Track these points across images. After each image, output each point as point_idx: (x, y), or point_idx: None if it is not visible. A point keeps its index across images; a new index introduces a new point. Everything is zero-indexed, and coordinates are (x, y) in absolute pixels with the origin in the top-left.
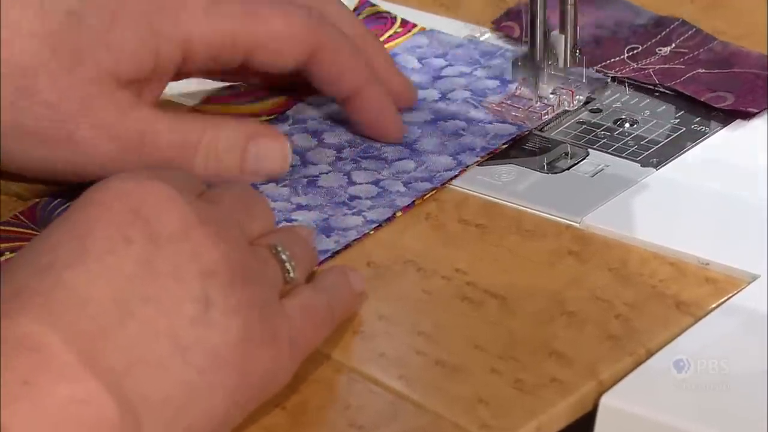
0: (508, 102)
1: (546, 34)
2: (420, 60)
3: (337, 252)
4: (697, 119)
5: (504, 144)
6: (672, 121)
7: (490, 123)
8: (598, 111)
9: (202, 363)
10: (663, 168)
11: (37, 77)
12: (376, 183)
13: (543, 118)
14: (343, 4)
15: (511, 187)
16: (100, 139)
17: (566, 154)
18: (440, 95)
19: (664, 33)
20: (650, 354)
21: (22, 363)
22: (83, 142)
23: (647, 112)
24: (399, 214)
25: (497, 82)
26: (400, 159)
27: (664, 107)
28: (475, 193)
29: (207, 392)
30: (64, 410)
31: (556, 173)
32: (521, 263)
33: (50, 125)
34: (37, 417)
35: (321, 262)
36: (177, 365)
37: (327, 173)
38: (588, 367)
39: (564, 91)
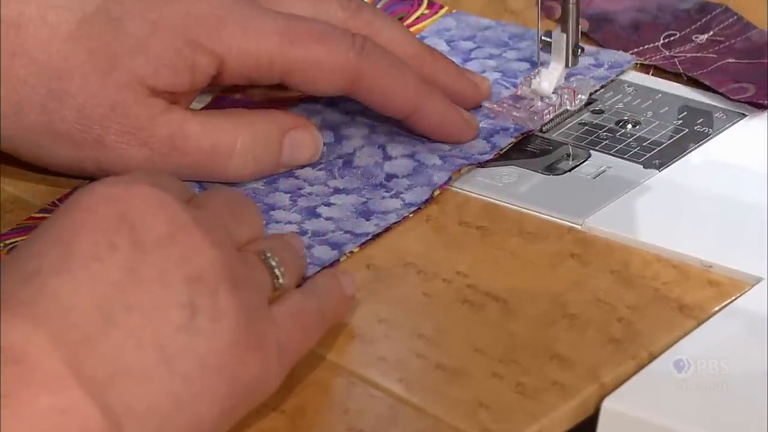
0: (509, 102)
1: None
2: (448, 43)
3: (378, 235)
4: (701, 120)
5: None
6: (675, 122)
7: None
8: (600, 112)
9: (188, 371)
10: (666, 170)
11: (70, 80)
12: (411, 156)
13: (545, 117)
14: (397, 23)
15: (512, 188)
16: (129, 144)
17: (568, 155)
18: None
19: (704, 20)
20: (652, 357)
21: (4, 374)
22: (112, 146)
23: (650, 113)
24: (437, 192)
25: (527, 64)
26: (433, 140)
27: (666, 108)
28: (476, 195)
29: (193, 401)
30: (46, 420)
31: (557, 175)
32: (522, 266)
33: (79, 129)
34: (18, 427)
35: (362, 245)
36: (162, 374)
37: (362, 148)
38: (590, 371)
39: (565, 90)
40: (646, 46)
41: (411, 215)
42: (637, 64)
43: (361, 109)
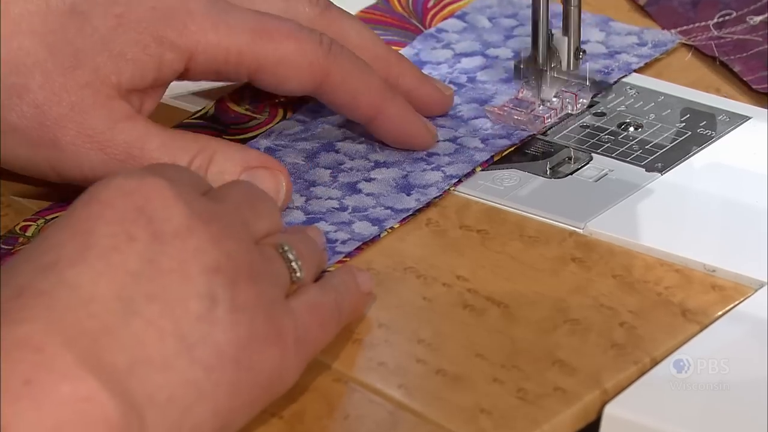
0: (511, 105)
1: (549, 37)
2: (490, 19)
3: (419, 210)
4: (703, 123)
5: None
6: (677, 124)
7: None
8: (602, 115)
9: (208, 361)
10: (668, 173)
11: (31, 76)
12: (453, 140)
13: (546, 121)
14: (363, 25)
15: (513, 192)
16: (85, 146)
17: (569, 158)
18: (514, 54)
19: (764, 1)
20: (655, 362)
21: (24, 363)
22: (68, 147)
23: (652, 116)
24: (478, 169)
25: None
26: (476, 117)
27: (669, 111)
28: (476, 199)
29: (213, 391)
30: (66, 409)
31: (559, 178)
32: (524, 270)
33: (36, 127)
34: (38, 416)
35: (402, 220)
36: (183, 363)
37: None
38: (592, 376)
39: (567, 94)
40: (697, 24)
41: (480, 169)
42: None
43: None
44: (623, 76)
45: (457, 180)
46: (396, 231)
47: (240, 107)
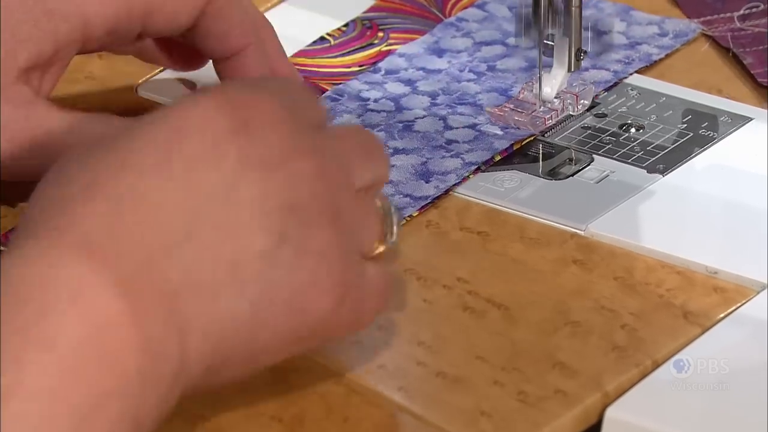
0: (511, 107)
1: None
2: (510, 9)
3: (437, 198)
4: (705, 124)
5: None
6: (679, 126)
7: (587, 69)
8: (603, 116)
9: (257, 297)
10: (670, 174)
11: None
12: (472, 127)
13: (547, 122)
14: None
15: (513, 193)
16: None
17: (570, 159)
18: (533, 44)
19: None
20: (657, 365)
21: (73, 271)
22: None
23: (654, 117)
24: (498, 157)
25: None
26: (496, 105)
27: (670, 112)
28: (477, 200)
29: (254, 328)
30: (110, 324)
31: (560, 179)
32: (524, 272)
33: None
34: (82, 330)
35: (421, 208)
36: (230, 295)
37: (422, 118)
38: (593, 379)
39: (568, 95)
40: (722, 15)
41: (499, 157)
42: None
43: (422, 84)
44: (624, 78)
45: (476, 167)
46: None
47: None
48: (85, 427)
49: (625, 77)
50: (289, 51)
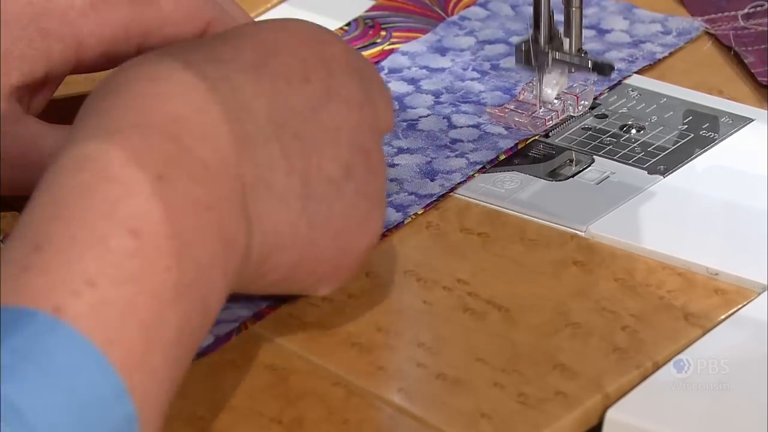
0: (512, 107)
1: (551, 17)
2: (513, 7)
3: (442, 196)
4: (706, 125)
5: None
6: (680, 127)
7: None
8: (604, 116)
9: (315, 220)
10: (671, 175)
11: None
12: (477, 126)
13: (547, 123)
14: None
15: (514, 194)
16: None
17: (571, 160)
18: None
19: None
20: (657, 366)
21: (162, 152)
22: None
23: (654, 118)
24: (502, 156)
25: (592, 31)
26: (500, 105)
27: (671, 113)
28: (477, 201)
29: (305, 246)
30: (187, 208)
31: (560, 180)
32: (525, 273)
33: None
34: (162, 213)
35: (426, 206)
36: (295, 207)
37: (426, 117)
38: (593, 380)
39: (569, 96)
40: (725, 14)
41: (503, 156)
42: (706, 31)
43: (425, 83)
44: (627, 77)
45: (481, 166)
46: (396, 234)
47: None
48: (164, 313)
49: (629, 75)
50: None
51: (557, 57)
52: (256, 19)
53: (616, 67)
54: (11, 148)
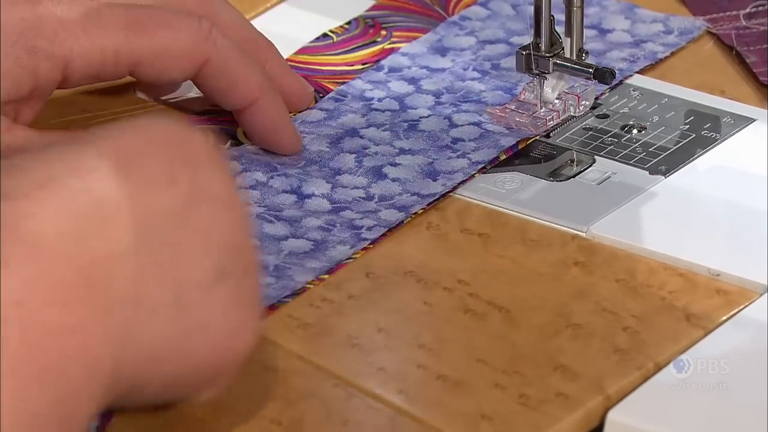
0: (513, 107)
1: (552, 23)
2: (514, 7)
3: (444, 194)
4: (708, 125)
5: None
6: (681, 127)
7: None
8: (605, 117)
9: (190, 329)
10: (672, 175)
11: None
12: (478, 124)
13: (548, 124)
14: (233, 7)
15: (515, 195)
16: None
17: (572, 161)
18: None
19: None
20: (659, 368)
21: (19, 272)
22: None
23: (656, 118)
24: (503, 156)
25: (594, 31)
26: (500, 104)
27: (673, 113)
28: (477, 202)
29: (180, 357)
30: (50, 334)
31: (561, 181)
32: (525, 274)
33: None
34: (26, 337)
35: (429, 204)
36: (168, 319)
37: (427, 117)
38: (595, 382)
39: (570, 96)
40: (727, 13)
41: (504, 156)
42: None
43: (426, 82)
44: (629, 76)
45: (482, 166)
46: (396, 234)
47: None
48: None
49: (630, 75)
50: (290, 51)
51: (558, 63)
52: (255, 20)
53: (617, 67)
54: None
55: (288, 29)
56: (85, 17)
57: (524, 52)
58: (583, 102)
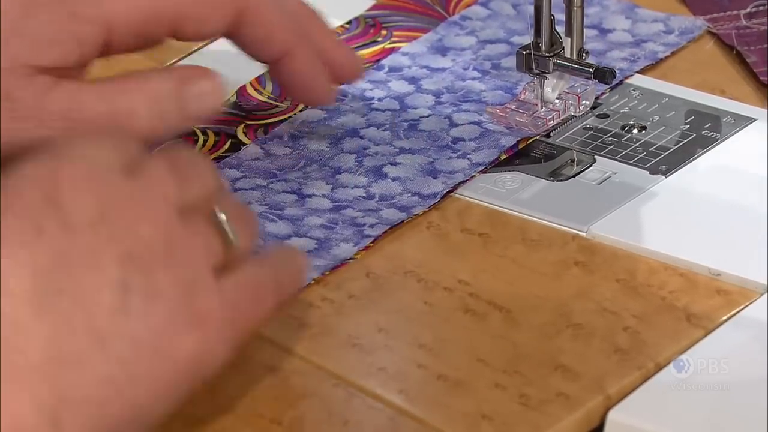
0: (513, 107)
1: (552, 23)
2: (515, 6)
3: (446, 195)
4: (708, 125)
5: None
6: (682, 126)
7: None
8: (606, 116)
9: (123, 354)
10: (672, 175)
11: None
12: (478, 124)
13: (548, 123)
14: None
15: (515, 195)
16: (24, 127)
17: (572, 160)
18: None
19: None
20: (659, 368)
21: None
22: (8, 132)
23: (656, 118)
24: (503, 156)
25: (595, 31)
26: (500, 103)
27: (673, 112)
28: (478, 202)
29: (131, 384)
30: None
31: (561, 181)
32: (526, 274)
33: None
34: None
35: (431, 205)
36: (97, 359)
37: (427, 117)
38: (595, 382)
39: (570, 96)
40: (728, 13)
41: (504, 156)
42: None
43: (426, 82)
44: (629, 76)
45: (483, 167)
46: (396, 234)
47: (262, 95)
48: None
49: (631, 75)
50: None
51: (558, 62)
52: None
53: (617, 67)
54: (53, 113)
55: None
56: None
57: (525, 52)
58: (584, 102)
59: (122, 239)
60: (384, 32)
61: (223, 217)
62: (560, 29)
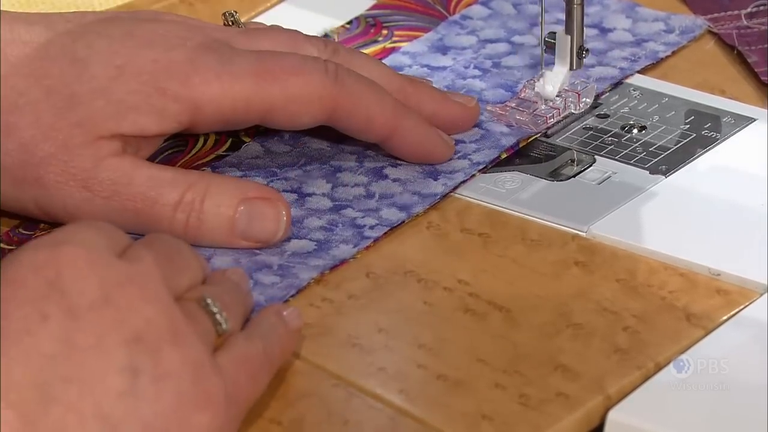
0: (513, 105)
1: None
2: (515, 6)
3: (446, 195)
4: (708, 125)
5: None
6: (682, 126)
7: (593, 66)
8: (606, 116)
9: None
10: (672, 175)
11: (21, 115)
12: (479, 125)
13: (549, 121)
14: (373, 58)
15: (515, 195)
16: (69, 185)
17: (572, 160)
18: (537, 42)
19: None
20: (659, 367)
21: None
22: (52, 186)
23: (656, 118)
24: (504, 155)
25: (596, 30)
26: (501, 102)
27: (673, 112)
28: (478, 202)
29: None
30: None
31: (561, 181)
32: (526, 274)
33: (20, 165)
34: None
35: (431, 204)
36: None
37: None
38: (595, 381)
39: (570, 94)
40: (728, 12)
41: (505, 155)
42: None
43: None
44: (630, 76)
45: (483, 166)
46: (396, 234)
47: None
48: None
49: (632, 74)
50: None
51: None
52: (255, 19)
53: (618, 66)
54: (102, 180)
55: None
56: (218, 63)
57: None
58: (584, 99)
59: (127, 322)
60: (385, 32)
61: (216, 306)
62: (560, 27)
